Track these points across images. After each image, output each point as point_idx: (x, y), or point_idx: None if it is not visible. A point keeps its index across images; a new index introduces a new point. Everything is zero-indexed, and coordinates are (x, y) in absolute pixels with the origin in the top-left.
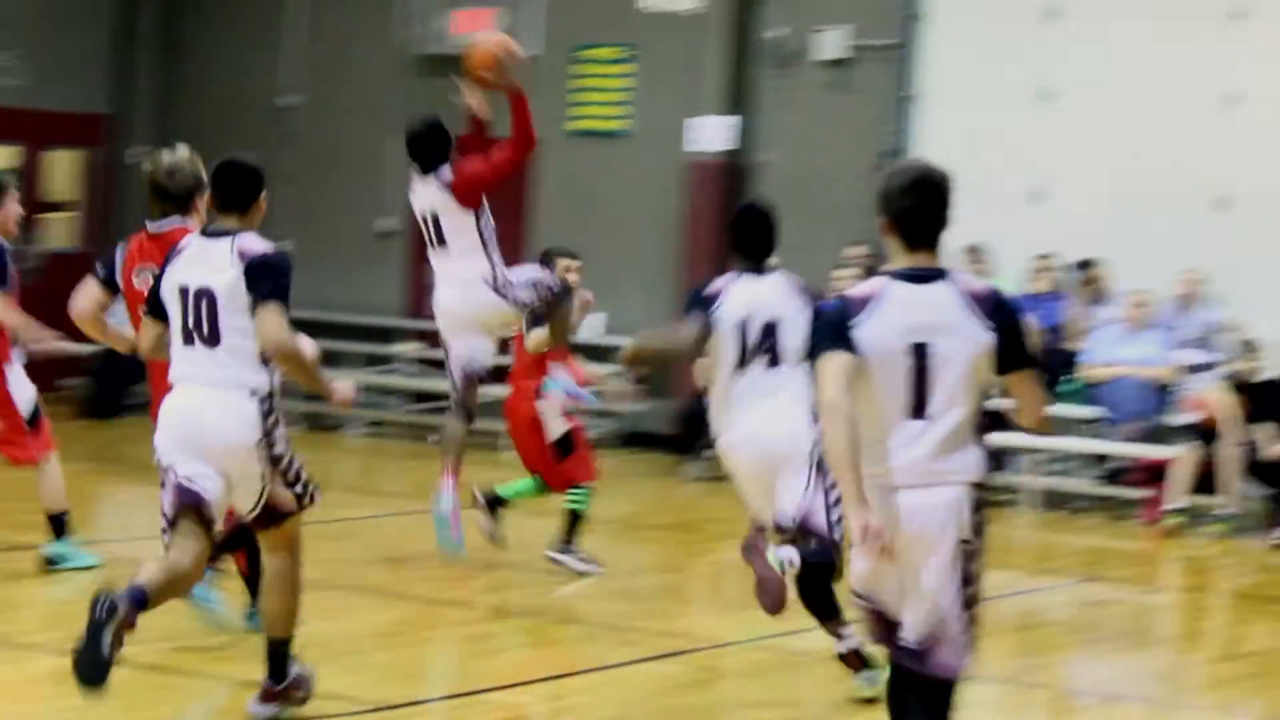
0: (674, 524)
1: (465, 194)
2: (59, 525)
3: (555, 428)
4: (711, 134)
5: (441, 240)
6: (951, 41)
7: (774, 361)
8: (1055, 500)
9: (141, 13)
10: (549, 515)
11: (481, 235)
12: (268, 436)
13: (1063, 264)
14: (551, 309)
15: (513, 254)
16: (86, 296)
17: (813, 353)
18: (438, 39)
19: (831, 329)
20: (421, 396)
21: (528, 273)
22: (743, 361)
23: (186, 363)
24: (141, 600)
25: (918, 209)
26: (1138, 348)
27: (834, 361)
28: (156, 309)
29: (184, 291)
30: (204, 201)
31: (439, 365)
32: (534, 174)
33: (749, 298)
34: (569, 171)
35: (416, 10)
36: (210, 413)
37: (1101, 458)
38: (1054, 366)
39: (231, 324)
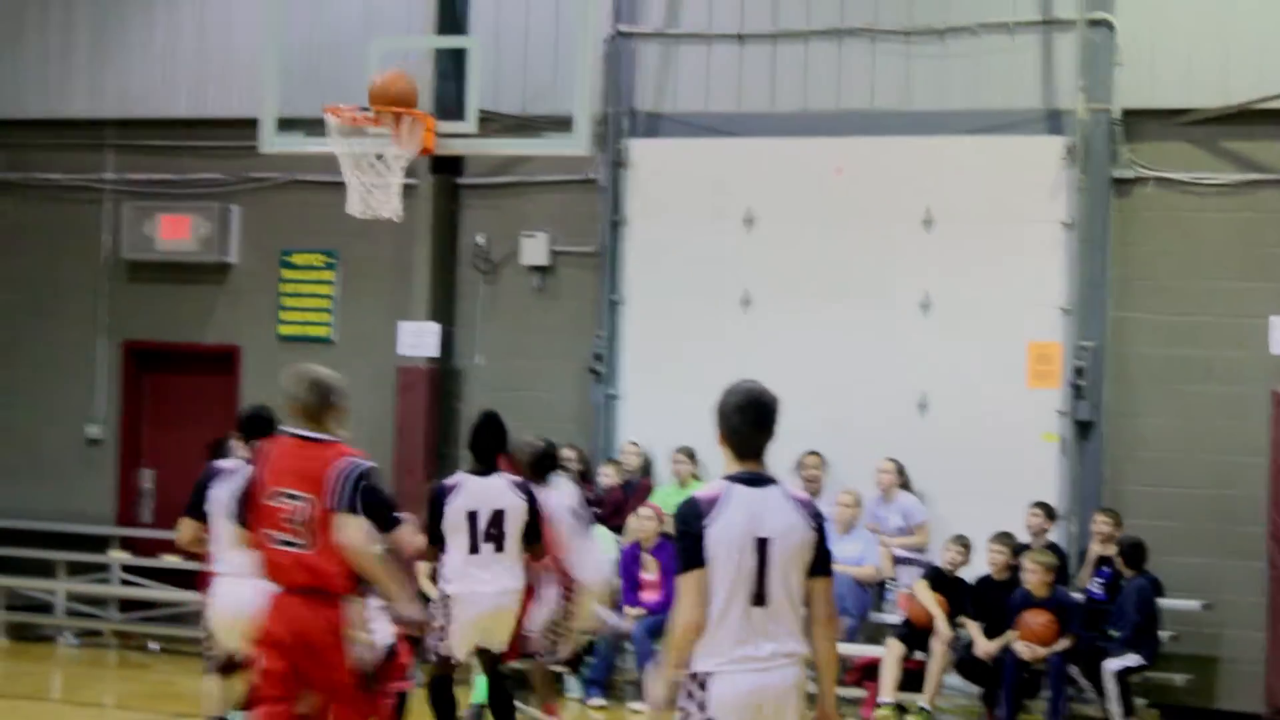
0: None
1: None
2: None
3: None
4: (419, 340)
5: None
6: (653, 246)
7: (500, 546)
8: None
9: None
10: None
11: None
12: None
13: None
14: None
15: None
16: None
17: (676, 566)
18: (145, 244)
19: (687, 543)
20: (134, 605)
21: None
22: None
23: None
24: None
25: (747, 426)
26: (846, 546)
27: (692, 580)
28: None
29: None
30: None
31: (150, 573)
32: (243, 382)
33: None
34: (277, 378)
35: (123, 216)
36: None
37: None
38: None
39: None
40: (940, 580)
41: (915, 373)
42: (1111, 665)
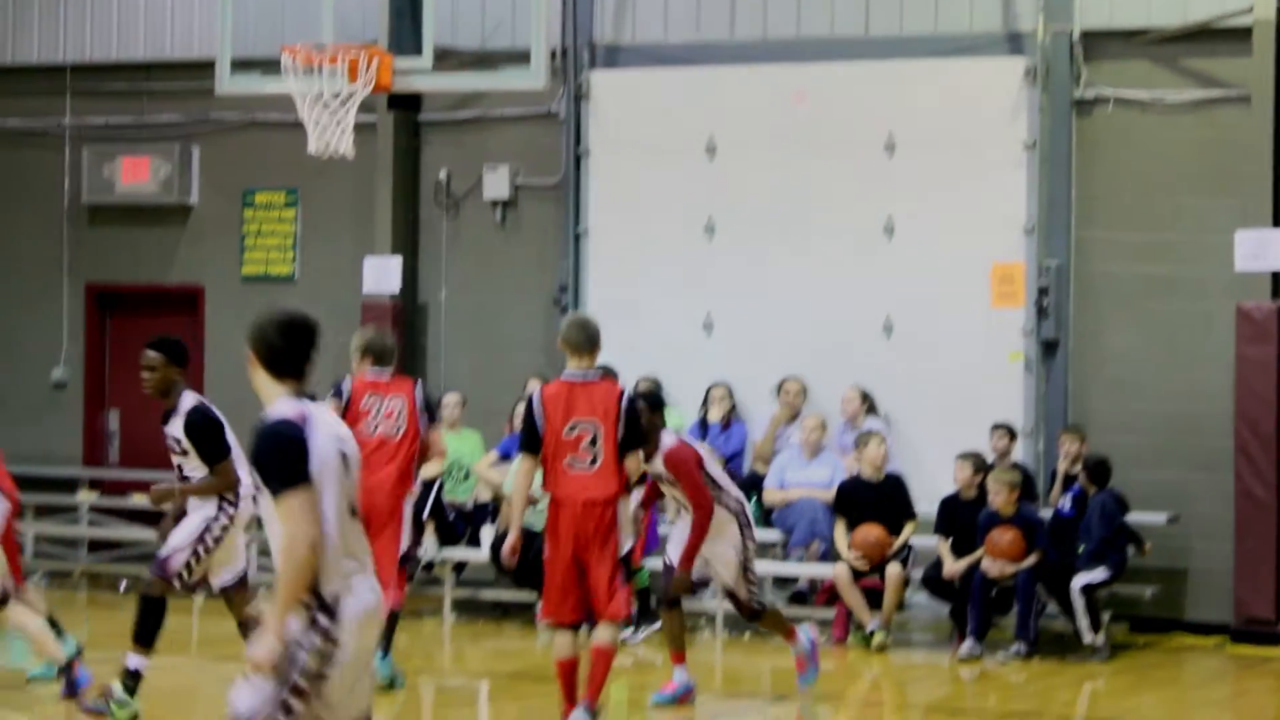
0: None
1: None
2: None
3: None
4: (383, 275)
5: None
6: (616, 177)
7: None
8: (742, 623)
9: None
10: None
11: None
12: None
13: (724, 389)
14: None
15: None
16: None
17: (277, 484)
18: (106, 188)
19: (295, 460)
20: (103, 545)
21: None
22: None
23: None
24: None
25: (292, 349)
26: (814, 470)
27: (305, 496)
28: None
29: None
30: None
31: (118, 514)
32: (207, 322)
33: None
34: (241, 317)
35: (83, 160)
36: None
37: (787, 579)
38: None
39: None
40: (858, 493)
41: (879, 296)
42: (1078, 581)
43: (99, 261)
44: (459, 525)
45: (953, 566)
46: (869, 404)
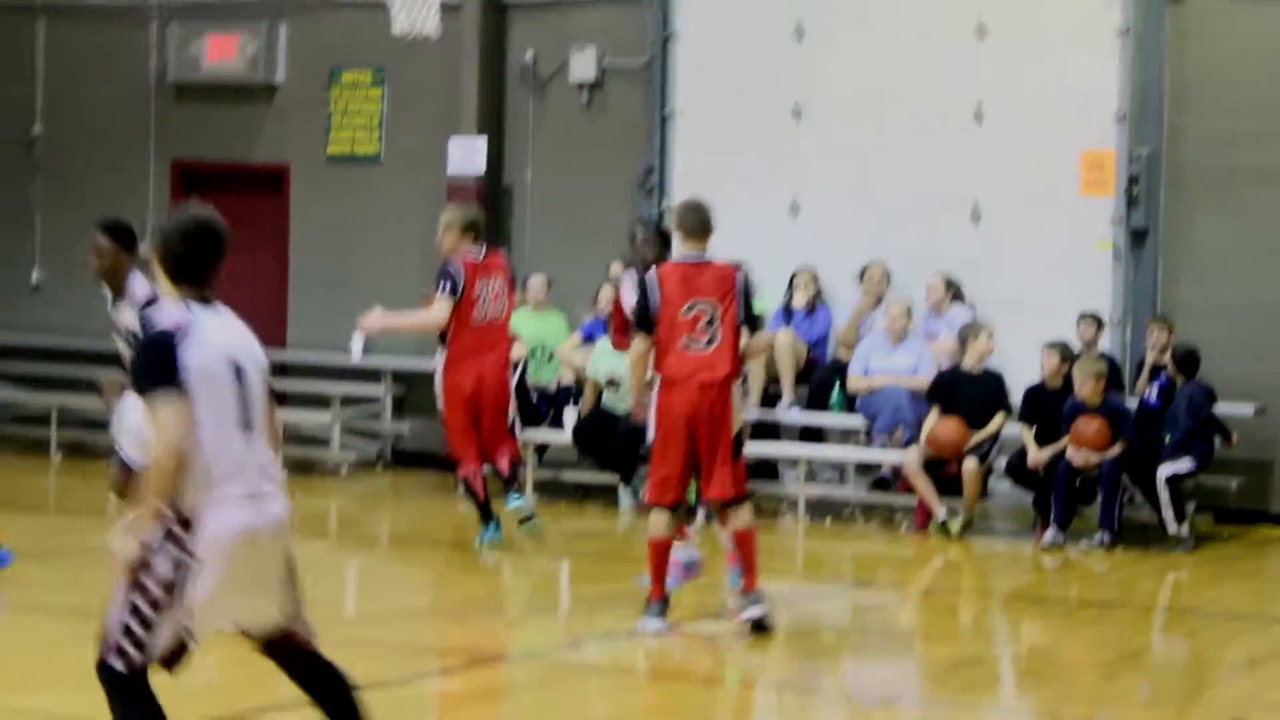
0: (449, 541)
1: None
2: None
3: None
4: (468, 156)
5: None
6: (704, 60)
7: None
8: (824, 509)
9: None
10: None
11: None
12: None
13: (809, 274)
14: None
15: (276, 283)
16: None
17: (145, 391)
18: (192, 65)
19: (161, 368)
20: None
21: None
22: None
23: None
24: None
25: (194, 254)
26: (898, 357)
27: (173, 405)
28: None
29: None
30: None
31: None
32: (292, 201)
33: None
34: (326, 196)
35: (170, 37)
36: None
37: (870, 466)
38: (822, 379)
39: None
40: (956, 382)
41: (967, 183)
42: (1164, 471)
43: (185, 139)
44: (542, 407)
45: (1037, 455)
46: (954, 291)
